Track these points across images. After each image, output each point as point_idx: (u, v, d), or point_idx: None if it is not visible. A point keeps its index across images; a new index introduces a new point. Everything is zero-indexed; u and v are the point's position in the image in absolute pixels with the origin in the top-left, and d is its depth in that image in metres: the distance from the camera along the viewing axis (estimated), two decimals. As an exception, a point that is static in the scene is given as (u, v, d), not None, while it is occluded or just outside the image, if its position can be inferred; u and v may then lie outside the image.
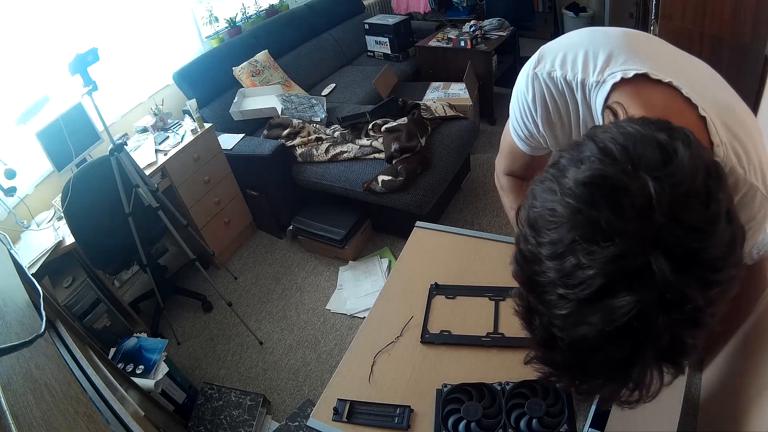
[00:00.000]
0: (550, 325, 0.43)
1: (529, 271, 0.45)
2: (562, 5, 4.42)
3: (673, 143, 0.42)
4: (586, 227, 0.40)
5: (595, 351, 0.41)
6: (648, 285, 0.38)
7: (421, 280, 1.28)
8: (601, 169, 0.42)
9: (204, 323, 2.54)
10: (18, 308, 1.02)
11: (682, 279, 0.38)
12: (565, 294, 0.41)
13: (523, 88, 0.73)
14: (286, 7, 3.89)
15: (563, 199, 0.42)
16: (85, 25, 2.50)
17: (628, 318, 0.38)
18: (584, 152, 0.44)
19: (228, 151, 2.73)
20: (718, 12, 2.05)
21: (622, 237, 0.39)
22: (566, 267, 0.41)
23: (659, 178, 0.39)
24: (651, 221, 0.38)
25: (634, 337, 0.39)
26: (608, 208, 0.40)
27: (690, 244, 0.38)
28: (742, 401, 1.30)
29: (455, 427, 0.95)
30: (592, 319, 0.39)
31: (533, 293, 0.45)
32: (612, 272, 0.39)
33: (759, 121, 1.99)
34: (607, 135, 0.45)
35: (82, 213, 1.99)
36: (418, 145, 2.50)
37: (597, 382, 0.45)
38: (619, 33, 0.67)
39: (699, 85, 0.60)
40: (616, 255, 0.38)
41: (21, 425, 0.62)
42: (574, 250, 0.40)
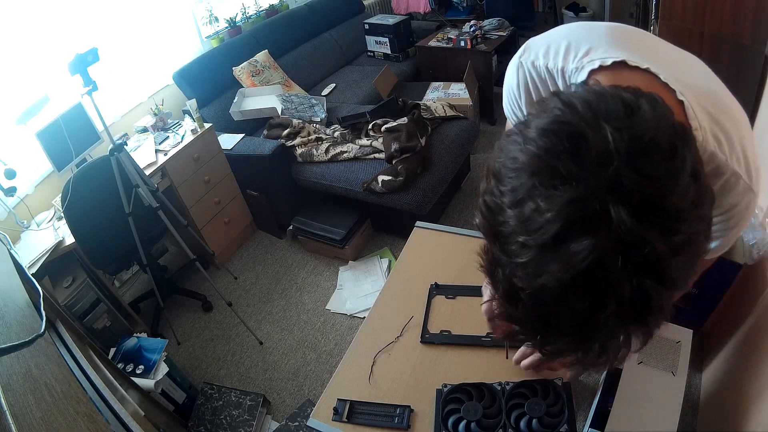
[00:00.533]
0: (512, 275, 0.43)
1: (492, 221, 0.45)
2: (562, 5, 4.43)
3: (637, 101, 0.43)
4: (545, 172, 0.41)
5: (557, 303, 0.41)
6: (606, 229, 0.38)
7: (421, 280, 1.28)
8: (561, 116, 0.43)
9: (204, 323, 2.54)
10: (18, 308, 1.02)
11: (640, 223, 0.38)
12: (525, 241, 0.41)
13: (509, 77, 0.76)
14: (286, 7, 3.89)
15: (525, 147, 0.43)
16: (85, 25, 2.50)
17: (587, 264, 0.38)
18: (549, 105, 0.45)
19: (228, 151, 2.73)
20: (718, 12, 2.05)
21: (580, 181, 0.39)
22: (525, 212, 0.41)
23: (620, 128, 0.40)
24: (609, 167, 0.39)
25: (594, 286, 0.39)
26: (567, 154, 0.40)
27: (649, 190, 0.38)
28: (742, 401, 1.30)
29: (455, 427, 0.95)
30: (552, 267, 0.39)
31: (496, 244, 0.45)
32: (569, 215, 0.38)
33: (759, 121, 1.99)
34: (572, 92, 0.45)
35: (82, 213, 1.99)
36: (418, 145, 2.50)
37: (562, 341, 0.44)
38: (603, 26, 0.69)
39: (680, 72, 0.60)
40: (573, 198, 0.38)
41: (21, 425, 0.62)
42: (533, 196, 0.40)
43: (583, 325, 0.42)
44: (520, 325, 0.47)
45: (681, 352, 1.06)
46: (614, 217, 0.37)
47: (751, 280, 1.58)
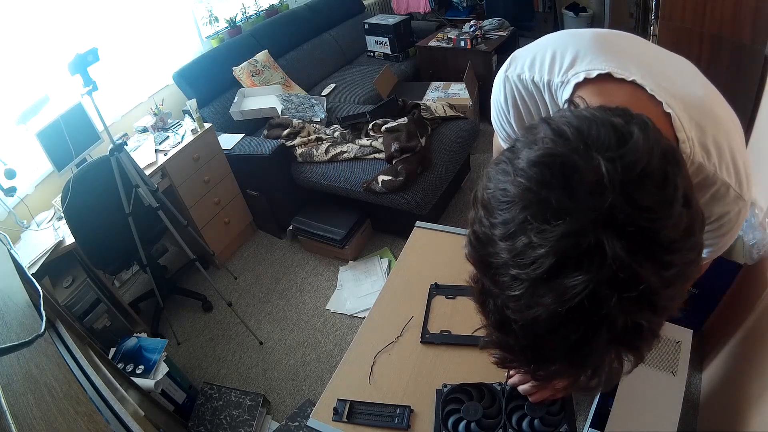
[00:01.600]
0: (504, 307, 0.43)
1: (482, 252, 0.44)
2: (562, 5, 4.42)
3: (628, 126, 0.42)
4: (537, 206, 0.40)
5: (549, 333, 0.40)
6: (600, 264, 0.37)
7: (421, 280, 1.28)
8: (552, 148, 0.42)
9: (204, 323, 2.54)
10: (18, 308, 1.02)
11: (635, 258, 0.37)
12: (517, 275, 0.40)
13: (496, 91, 0.75)
14: (286, 7, 3.89)
15: (515, 179, 0.42)
16: (85, 25, 2.50)
17: (581, 298, 0.38)
18: (538, 134, 0.44)
19: (228, 151, 2.73)
20: (718, 12, 2.05)
21: (573, 215, 0.38)
22: (518, 246, 0.40)
23: (612, 158, 0.39)
24: (602, 200, 0.38)
25: (587, 318, 0.39)
26: (559, 187, 0.40)
27: (643, 224, 0.38)
28: (742, 401, 1.30)
29: (455, 427, 0.95)
30: (545, 299, 0.39)
31: (487, 275, 0.45)
32: (563, 251, 0.38)
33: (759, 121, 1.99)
34: (562, 118, 0.44)
35: (82, 213, 1.99)
36: (418, 145, 2.50)
37: (554, 367, 0.44)
38: (588, 34, 0.67)
39: (668, 82, 0.60)
40: (567, 233, 0.38)
41: (21, 425, 0.62)
42: (526, 230, 0.40)
43: (576, 353, 0.42)
44: (512, 353, 0.47)
45: (681, 352, 1.06)
46: (609, 252, 0.37)
47: (751, 280, 1.58)
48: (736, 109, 0.65)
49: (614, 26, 4.00)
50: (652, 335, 0.41)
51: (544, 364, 0.45)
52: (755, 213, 1.61)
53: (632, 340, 0.41)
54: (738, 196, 0.61)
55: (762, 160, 1.76)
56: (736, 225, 0.65)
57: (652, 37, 2.50)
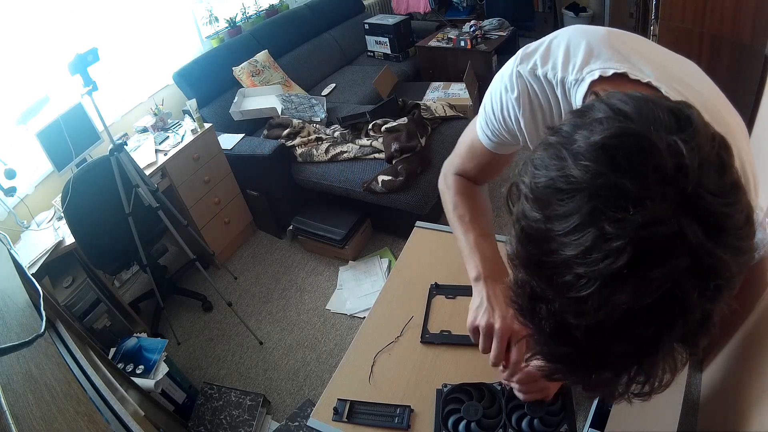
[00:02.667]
0: (563, 312, 0.38)
1: (535, 251, 0.39)
2: (562, 5, 4.43)
3: (684, 110, 0.39)
4: (609, 193, 0.35)
5: (618, 336, 0.36)
6: (681, 253, 0.34)
7: (421, 280, 1.28)
8: (623, 126, 0.37)
9: (204, 323, 2.54)
10: (18, 308, 1.02)
11: (717, 245, 0.34)
12: (584, 273, 0.36)
13: (506, 86, 0.72)
14: (286, 7, 3.89)
15: (578, 163, 0.37)
16: (85, 25, 2.50)
17: (661, 292, 0.34)
18: (595, 114, 0.40)
19: (228, 151, 2.73)
20: (718, 12, 2.05)
21: (653, 201, 0.35)
22: (586, 241, 0.35)
23: (686, 140, 0.36)
24: (682, 184, 0.35)
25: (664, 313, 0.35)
26: (634, 171, 0.35)
27: (718, 208, 0.35)
28: (742, 401, 1.30)
29: (455, 427, 0.95)
30: (619, 298, 0.35)
31: (540, 277, 0.39)
32: (643, 241, 0.34)
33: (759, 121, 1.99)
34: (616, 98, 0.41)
35: (82, 213, 1.99)
36: (418, 145, 2.50)
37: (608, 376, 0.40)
38: (602, 31, 0.66)
39: (678, 82, 0.59)
40: (647, 221, 0.34)
41: (21, 425, 0.62)
42: (596, 220, 0.35)
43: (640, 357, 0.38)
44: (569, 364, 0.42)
45: (681, 352, 1.06)
46: (691, 239, 0.34)
47: (751, 280, 1.57)
48: (736, 108, 0.64)
49: (614, 26, 3.99)
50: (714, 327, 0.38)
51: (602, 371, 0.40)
52: (755, 213, 1.61)
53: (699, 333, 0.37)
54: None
55: (762, 160, 1.76)
56: None
57: (652, 37, 2.50)
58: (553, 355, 0.42)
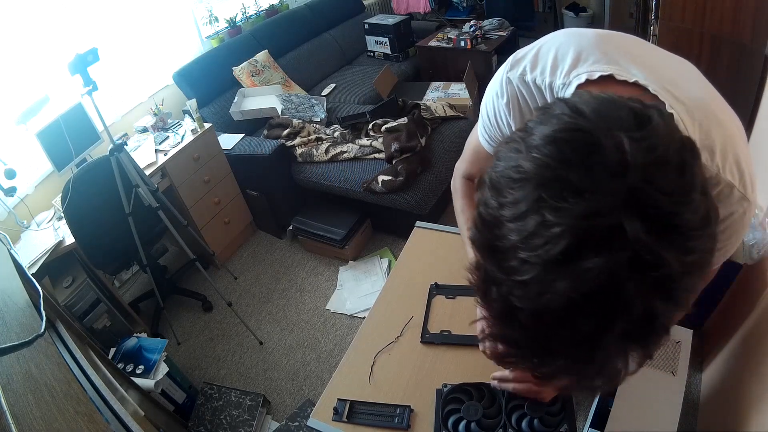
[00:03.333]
0: (510, 295, 0.40)
1: (488, 235, 0.42)
2: (562, 5, 4.43)
3: (647, 111, 0.41)
4: (553, 184, 0.38)
5: (559, 324, 0.38)
6: (620, 246, 0.35)
7: (421, 280, 1.28)
8: (572, 122, 0.40)
9: (204, 323, 2.54)
10: (18, 308, 1.02)
11: (657, 240, 0.36)
12: (527, 258, 0.38)
13: (497, 92, 0.74)
14: (286, 7, 3.89)
15: (529, 155, 0.40)
16: (85, 25, 2.50)
17: (598, 282, 0.35)
18: (554, 111, 0.42)
19: (228, 151, 2.73)
20: (718, 12, 2.05)
21: (593, 194, 0.36)
22: (529, 226, 0.38)
23: (635, 138, 0.38)
24: (624, 180, 0.36)
25: (603, 306, 0.36)
26: (579, 164, 0.37)
27: (666, 207, 0.36)
28: (742, 401, 1.30)
29: (455, 427, 0.95)
30: (558, 285, 0.36)
31: (492, 260, 0.42)
32: (581, 230, 0.36)
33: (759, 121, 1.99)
34: (579, 98, 0.43)
35: (82, 213, 1.99)
36: (418, 145, 2.50)
37: (559, 364, 0.42)
38: (591, 35, 0.67)
39: (670, 83, 0.60)
40: (585, 212, 0.36)
41: (21, 425, 0.62)
42: (539, 208, 0.37)
43: (585, 347, 0.39)
44: (515, 347, 0.44)
45: (681, 352, 1.06)
46: (630, 233, 0.35)
47: (751, 280, 1.58)
48: (736, 109, 0.65)
49: (614, 26, 4.00)
50: (665, 330, 0.39)
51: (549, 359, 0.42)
52: (755, 213, 1.61)
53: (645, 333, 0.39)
54: (742, 196, 0.61)
55: (762, 160, 1.76)
56: (742, 226, 0.65)
57: (652, 37, 2.50)
58: (502, 337, 0.45)
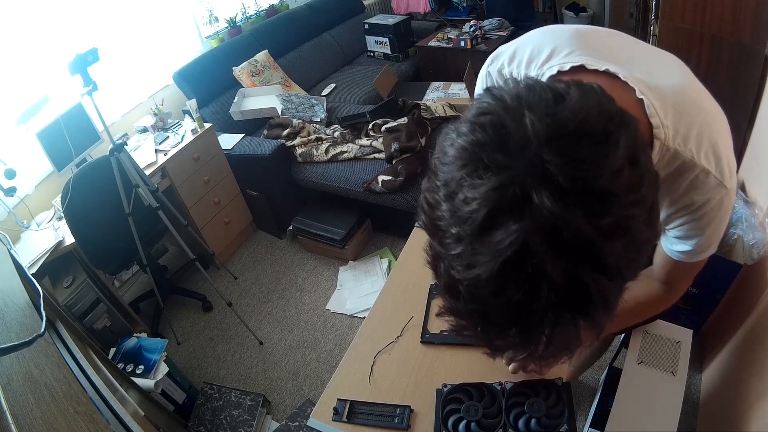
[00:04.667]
0: (451, 268, 0.43)
1: (431, 215, 0.45)
2: (562, 5, 4.43)
3: (568, 89, 0.43)
4: (471, 164, 0.41)
5: (492, 295, 0.41)
6: (530, 214, 0.38)
7: (421, 280, 1.29)
8: (486, 107, 0.43)
9: (204, 323, 2.54)
10: (18, 308, 1.02)
11: (563, 205, 0.37)
12: (457, 233, 0.41)
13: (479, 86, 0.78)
14: (286, 7, 3.89)
15: (455, 141, 0.44)
16: (85, 25, 2.50)
17: (513, 250, 0.38)
18: (480, 100, 0.46)
19: (228, 151, 2.73)
20: (718, 12, 2.05)
21: (502, 169, 0.39)
22: (456, 204, 0.41)
23: (542, 115, 0.40)
24: (528, 152, 0.39)
25: (524, 272, 0.38)
26: (492, 144, 0.41)
27: (574, 173, 0.38)
28: (742, 401, 1.30)
29: (455, 427, 0.95)
30: (482, 257, 0.39)
31: (435, 238, 0.46)
32: (493, 202, 0.39)
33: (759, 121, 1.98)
34: (505, 86, 0.46)
35: (82, 213, 1.99)
36: (418, 145, 2.50)
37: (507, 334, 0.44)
38: (567, 30, 0.69)
39: (643, 72, 0.61)
40: (495, 185, 0.39)
41: (21, 425, 0.62)
42: (461, 186, 0.41)
43: (522, 316, 0.41)
44: (462, 318, 0.47)
45: (681, 352, 1.06)
46: (535, 200, 0.37)
47: (751, 280, 1.58)
48: (736, 109, 0.65)
49: (614, 26, 3.99)
50: (603, 299, 0.40)
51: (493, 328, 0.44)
52: (755, 213, 1.61)
53: (579, 301, 0.40)
54: (719, 183, 0.61)
55: (762, 160, 1.76)
56: (720, 213, 0.65)
57: (653, 37, 2.50)
58: (451, 309, 0.48)
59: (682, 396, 0.98)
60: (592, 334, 0.44)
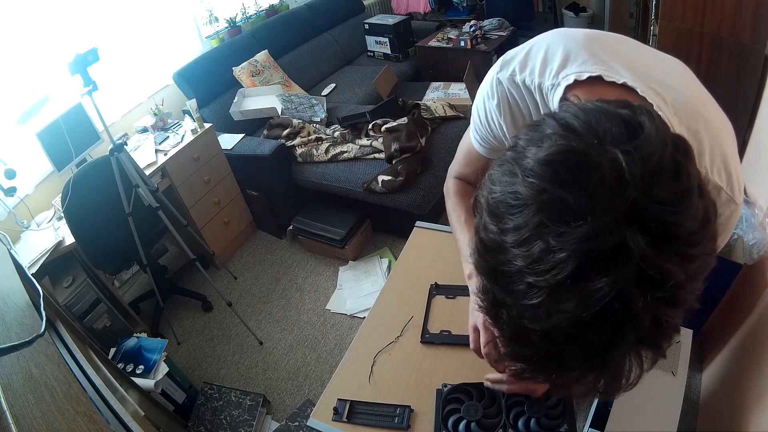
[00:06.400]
0: (520, 317, 0.40)
1: (493, 261, 0.42)
2: (562, 5, 4.43)
3: (637, 117, 0.41)
4: (553, 208, 0.38)
5: (571, 341, 0.39)
6: (625, 264, 0.36)
7: (421, 280, 1.28)
8: (565, 144, 0.39)
9: (204, 323, 2.54)
10: (18, 308, 1.02)
11: (661, 254, 0.36)
12: (534, 282, 0.38)
13: (487, 93, 0.74)
14: (286, 7, 3.89)
15: (525, 180, 0.40)
16: (85, 25, 2.50)
17: (607, 301, 0.36)
18: (545, 130, 0.42)
19: (228, 151, 2.73)
20: (718, 12, 2.05)
21: (594, 215, 0.36)
22: (534, 252, 0.38)
23: (629, 151, 0.37)
24: (623, 196, 0.36)
25: (613, 321, 0.37)
26: (576, 186, 0.37)
27: (665, 218, 0.36)
28: (742, 401, 1.30)
29: (455, 427, 0.95)
30: (567, 306, 0.37)
31: (499, 285, 0.42)
32: (586, 253, 0.36)
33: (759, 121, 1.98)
34: (568, 112, 0.43)
35: (82, 213, 1.99)
36: (418, 145, 2.50)
37: (573, 374, 0.42)
38: (579, 35, 0.67)
39: (658, 84, 0.60)
40: (588, 234, 0.36)
41: (21, 425, 0.62)
42: (542, 234, 0.37)
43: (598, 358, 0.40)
44: (531, 364, 0.45)
45: (681, 352, 1.06)
46: (634, 249, 0.35)
47: (751, 280, 1.58)
48: (736, 109, 0.65)
49: (614, 26, 4.00)
50: (675, 330, 0.40)
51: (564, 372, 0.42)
52: (755, 213, 1.61)
53: (656, 338, 0.39)
54: (730, 198, 0.61)
55: (762, 160, 1.76)
56: (728, 228, 0.65)
57: (653, 37, 2.50)
58: (516, 355, 0.45)
59: (682, 396, 0.98)
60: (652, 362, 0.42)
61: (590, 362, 0.40)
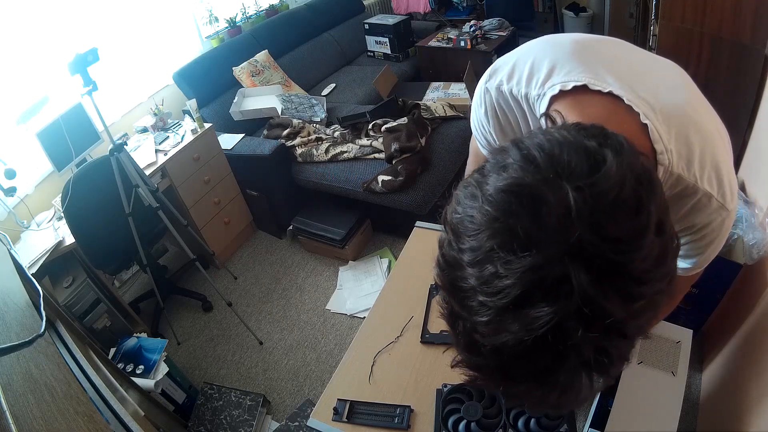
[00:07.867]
0: (473, 330, 0.42)
1: (451, 276, 0.44)
2: (562, 5, 4.42)
3: (602, 151, 0.41)
4: (503, 236, 0.39)
5: (517, 359, 0.40)
6: (566, 297, 0.37)
7: (421, 280, 1.29)
8: (521, 177, 0.41)
9: (204, 323, 2.54)
10: (18, 308, 1.02)
11: (601, 292, 0.37)
12: (484, 301, 0.40)
13: (477, 102, 0.75)
14: (286, 7, 3.89)
15: (482, 206, 0.41)
16: (85, 25, 2.50)
17: (546, 329, 0.37)
18: (507, 159, 0.43)
19: (228, 151, 2.73)
20: (718, 12, 2.05)
21: (540, 247, 0.38)
22: (485, 275, 0.40)
23: (581, 187, 0.38)
24: (570, 232, 0.37)
25: (554, 347, 0.38)
26: (526, 217, 0.39)
27: (612, 256, 0.37)
28: (742, 401, 1.30)
29: (455, 427, 0.95)
30: (511, 327, 0.39)
31: (455, 298, 0.44)
32: (529, 282, 0.38)
33: (759, 121, 1.98)
34: (533, 141, 0.44)
35: (82, 213, 1.99)
36: (418, 145, 2.50)
37: (524, 387, 0.44)
38: (567, 43, 0.66)
39: (647, 91, 0.59)
40: (533, 265, 0.37)
41: (21, 425, 0.62)
42: (492, 259, 0.39)
43: (544, 376, 0.41)
44: (481, 373, 0.47)
45: (681, 352, 1.06)
46: (575, 285, 0.37)
47: (751, 280, 1.58)
48: (736, 109, 0.64)
49: (614, 26, 4.00)
50: (622, 359, 0.41)
51: (514, 384, 0.44)
52: (755, 213, 1.61)
53: (601, 364, 0.40)
54: (721, 205, 0.61)
55: (762, 160, 1.76)
56: (721, 234, 0.65)
57: (653, 37, 2.50)
58: (469, 364, 0.47)
59: (682, 396, 0.98)
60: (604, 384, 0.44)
61: (537, 379, 0.42)
